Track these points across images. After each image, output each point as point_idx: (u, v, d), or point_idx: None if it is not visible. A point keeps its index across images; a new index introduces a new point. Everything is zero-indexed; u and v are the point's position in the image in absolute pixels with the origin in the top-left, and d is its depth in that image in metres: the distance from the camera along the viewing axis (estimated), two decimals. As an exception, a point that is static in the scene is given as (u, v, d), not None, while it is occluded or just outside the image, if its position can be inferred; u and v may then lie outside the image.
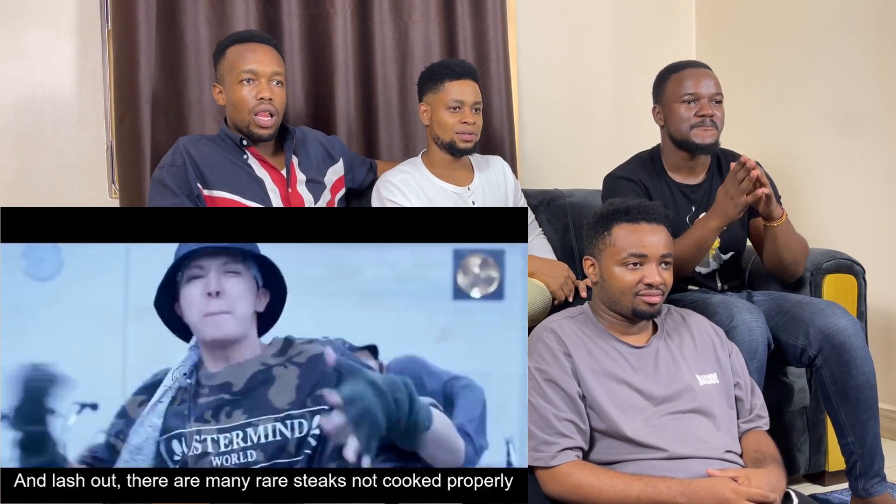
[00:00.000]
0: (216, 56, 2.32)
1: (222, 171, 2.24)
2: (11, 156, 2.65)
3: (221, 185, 2.22)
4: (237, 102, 2.23)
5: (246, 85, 2.22)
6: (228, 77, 2.25)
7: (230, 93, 2.25)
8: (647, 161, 2.42)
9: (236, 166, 2.26)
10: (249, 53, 2.24)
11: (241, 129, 2.26)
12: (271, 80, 2.24)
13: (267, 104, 2.22)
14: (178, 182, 2.19)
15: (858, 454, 2.08)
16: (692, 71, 2.34)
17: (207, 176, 2.22)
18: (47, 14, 2.68)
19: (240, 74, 2.22)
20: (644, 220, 1.82)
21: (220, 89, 2.29)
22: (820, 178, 3.05)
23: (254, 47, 2.26)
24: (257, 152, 2.28)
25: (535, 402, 1.75)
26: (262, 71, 2.23)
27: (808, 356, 2.11)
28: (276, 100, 2.24)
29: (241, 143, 2.27)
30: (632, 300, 1.80)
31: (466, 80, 2.38)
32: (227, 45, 2.29)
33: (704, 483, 1.63)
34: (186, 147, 2.24)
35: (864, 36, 2.90)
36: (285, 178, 2.30)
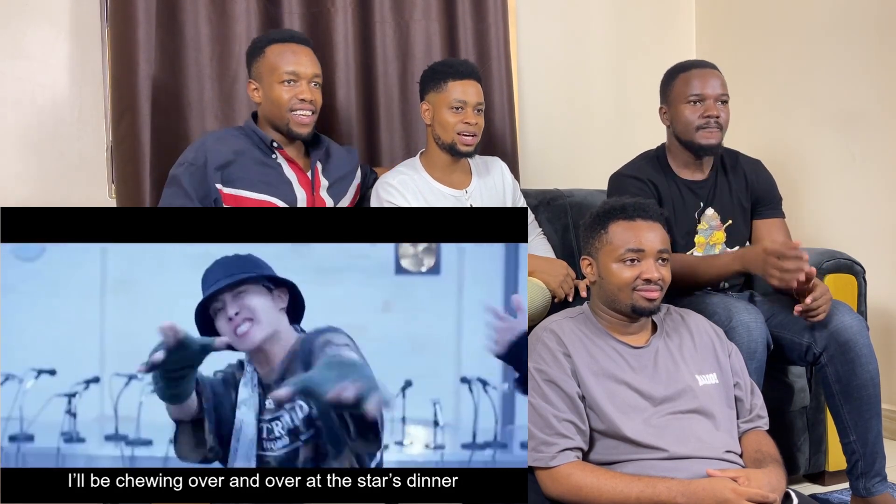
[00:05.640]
0: (252, 52, 2.33)
1: (250, 169, 2.25)
2: (11, 156, 2.65)
3: (247, 184, 2.24)
4: (277, 102, 2.26)
5: (286, 86, 2.25)
6: (268, 77, 2.27)
7: (269, 92, 2.27)
8: (654, 160, 2.42)
9: (265, 165, 2.28)
10: (291, 55, 2.27)
11: (278, 127, 2.29)
12: (311, 82, 2.28)
13: (307, 105, 2.26)
14: (195, 183, 2.21)
15: (860, 453, 2.09)
16: (699, 71, 2.34)
17: (232, 174, 2.23)
18: (47, 14, 2.68)
19: (281, 75, 2.25)
20: (640, 218, 1.83)
21: (255, 86, 2.31)
22: (820, 178, 3.06)
23: (294, 48, 2.29)
24: (286, 153, 2.31)
25: (535, 403, 1.75)
26: (303, 73, 2.26)
27: (812, 354, 2.11)
28: (315, 101, 2.29)
29: (272, 145, 2.29)
30: (630, 296, 1.80)
31: (470, 81, 2.38)
32: (266, 43, 2.31)
33: (704, 483, 1.63)
34: (211, 145, 2.25)
35: (864, 36, 2.90)
36: (311, 181, 2.33)
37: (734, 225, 2.39)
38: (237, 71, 2.66)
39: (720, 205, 2.39)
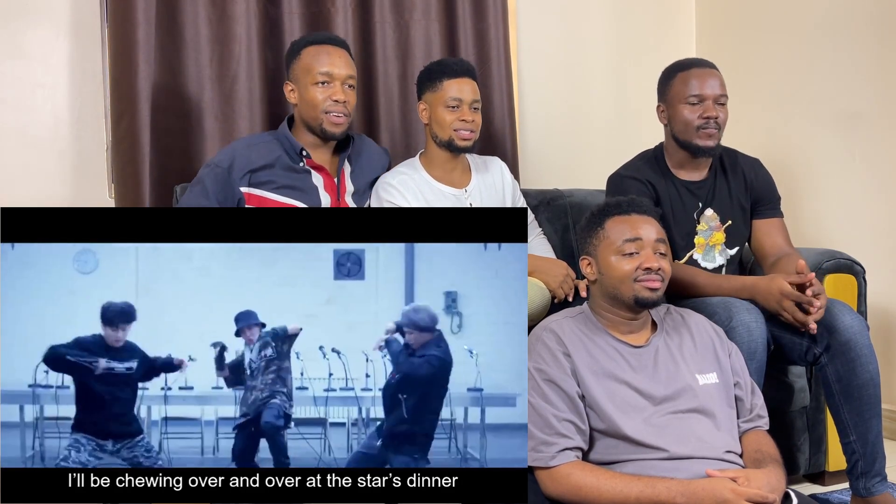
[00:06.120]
0: (290, 54, 2.37)
1: (279, 174, 2.30)
2: (11, 156, 2.65)
3: (274, 187, 2.29)
4: (312, 103, 2.29)
5: (321, 87, 2.28)
6: (304, 78, 2.30)
7: (304, 93, 2.30)
8: (652, 160, 2.42)
9: (294, 170, 2.32)
10: (325, 56, 2.30)
11: (312, 126, 2.32)
12: (345, 84, 2.31)
13: (341, 106, 2.29)
14: (219, 185, 2.26)
15: (860, 453, 2.08)
16: (698, 71, 2.33)
17: (261, 177, 2.28)
18: (47, 14, 2.68)
19: (315, 76, 2.28)
20: (635, 212, 1.87)
21: (292, 87, 2.35)
22: (820, 178, 3.06)
23: (329, 50, 2.32)
24: (313, 161, 2.34)
25: (535, 403, 1.75)
26: (338, 74, 2.29)
27: (813, 353, 2.11)
28: (349, 102, 2.32)
29: (301, 153, 2.32)
30: (632, 287, 1.81)
31: (465, 79, 2.39)
32: (303, 45, 2.34)
33: (704, 483, 1.63)
34: (240, 151, 2.30)
35: (864, 36, 2.90)
36: (336, 186, 2.36)
37: (734, 225, 2.39)
38: (237, 71, 2.66)
39: (719, 205, 2.39)
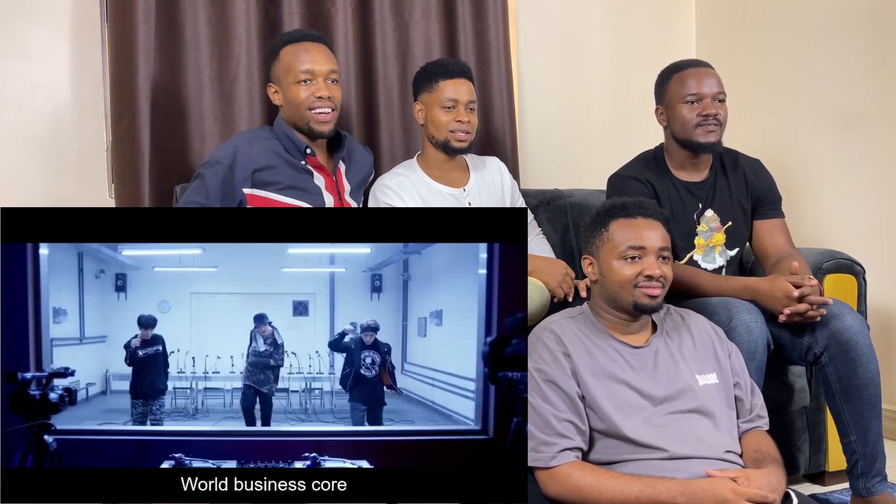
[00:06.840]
0: (269, 57, 2.34)
1: (283, 174, 2.26)
2: (12, 156, 2.65)
3: (278, 187, 2.25)
4: (295, 102, 2.26)
5: (303, 85, 2.26)
6: (285, 78, 2.28)
7: (288, 93, 2.28)
8: (652, 160, 2.42)
9: (297, 170, 2.29)
10: (304, 53, 2.27)
11: (300, 127, 2.29)
12: (327, 79, 2.28)
13: (326, 101, 2.26)
14: (219, 182, 2.21)
15: (860, 453, 2.08)
16: (694, 70, 2.34)
17: (265, 177, 2.24)
18: (47, 14, 2.67)
19: (297, 75, 2.26)
20: (640, 216, 1.84)
21: (275, 89, 2.32)
22: (820, 178, 3.05)
23: (308, 47, 2.29)
24: (316, 160, 2.31)
25: (535, 403, 1.75)
26: (319, 70, 2.27)
27: (813, 353, 2.11)
28: (333, 97, 2.28)
29: (305, 151, 2.29)
30: (632, 293, 1.81)
31: (461, 79, 2.39)
32: (280, 45, 2.32)
33: (704, 483, 1.63)
34: (242, 147, 2.26)
35: (864, 36, 2.90)
36: (336, 185, 2.35)
37: (734, 226, 2.39)
38: (237, 72, 2.66)
39: (720, 206, 2.39)
